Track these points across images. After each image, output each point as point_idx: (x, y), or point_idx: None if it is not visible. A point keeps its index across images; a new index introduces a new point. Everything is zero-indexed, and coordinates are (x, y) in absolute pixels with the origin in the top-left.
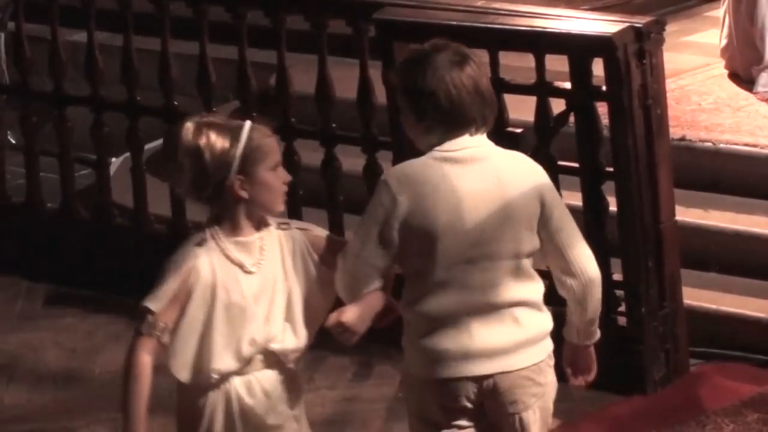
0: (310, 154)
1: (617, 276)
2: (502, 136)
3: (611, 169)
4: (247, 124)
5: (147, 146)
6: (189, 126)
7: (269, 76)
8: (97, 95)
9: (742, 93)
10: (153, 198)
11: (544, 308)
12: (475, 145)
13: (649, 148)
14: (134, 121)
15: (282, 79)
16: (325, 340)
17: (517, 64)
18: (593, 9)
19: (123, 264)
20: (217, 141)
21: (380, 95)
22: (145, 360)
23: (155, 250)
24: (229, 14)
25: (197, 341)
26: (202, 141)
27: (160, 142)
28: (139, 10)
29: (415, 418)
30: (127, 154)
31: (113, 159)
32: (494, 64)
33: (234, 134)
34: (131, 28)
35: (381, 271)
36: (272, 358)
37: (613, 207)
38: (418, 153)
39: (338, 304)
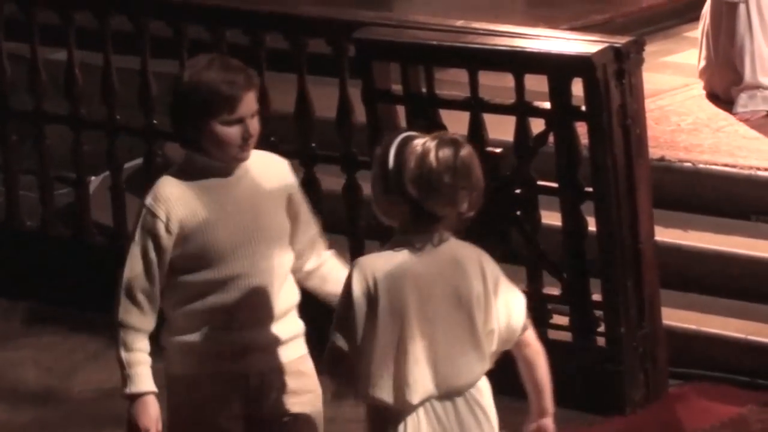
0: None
1: (596, 296)
2: (481, 156)
3: (590, 189)
4: None
5: (127, 165)
6: None
7: None
8: (77, 114)
9: (722, 113)
10: (133, 216)
11: None
12: None
13: (628, 168)
14: (114, 139)
15: (261, 99)
16: None
17: (497, 84)
18: (573, 29)
19: (102, 283)
20: None
21: (360, 114)
22: None
23: None
24: (208, 33)
25: None
26: None
27: (139, 161)
28: (118, 29)
29: None
30: (107, 173)
31: (92, 177)
32: (473, 83)
33: None
34: (111, 47)
35: None
36: None
37: (592, 227)
38: None
39: None
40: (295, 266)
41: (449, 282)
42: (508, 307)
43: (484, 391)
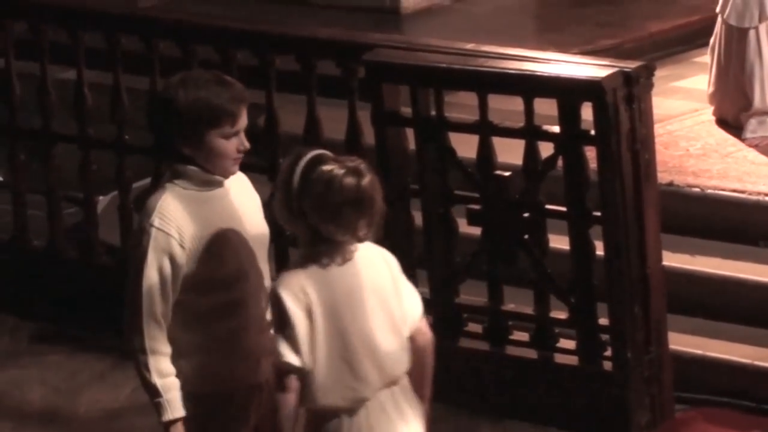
0: None
1: (603, 320)
2: (490, 180)
3: (599, 214)
4: None
5: (135, 185)
6: None
7: (258, 116)
8: (85, 133)
9: (731, 139)
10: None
11: None
12: None
13: (636, 193)
14: (122, 159)
15: (271, 120)
16: None
17: (506, 108)
18: (583, 53)
19: (109, 303)
20: None
21: (369, 136)
22: None
23: None
24: (218, 54)
25: None
26: None
27: (147, 181)
28: (128, 49)
29: None
30: (115, 193)
31: (101, 197)
32: (483, 106)
33: None
34: (120, 67)
35: None
36: None
37: (599, 251)
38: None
39: None
40: None
41: (367, 282)
42: (409, 296)
43: (407, 380)
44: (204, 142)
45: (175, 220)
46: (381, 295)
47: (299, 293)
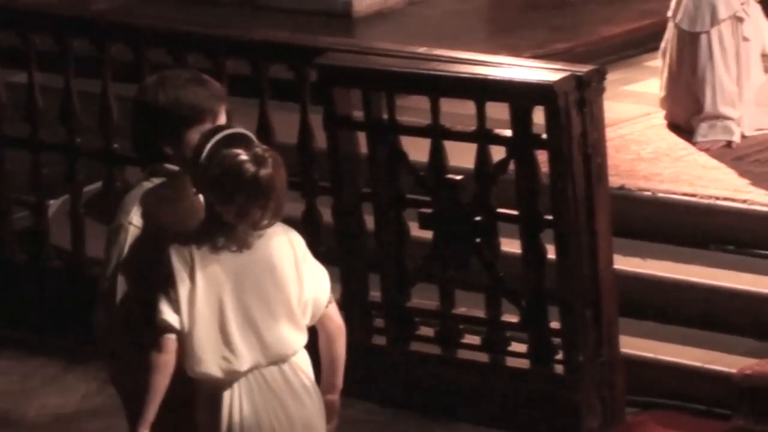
0: None
1: (555, 324)
2: (442, 184)
3: (550, 217)
4: None
5: (86, 189)
6: None
7: None
8: (36, 137)
9: (682, 143)
10: (92, 240)
11: None
12: None
13: (588, 197)
14: (73, 163)
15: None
16: None
17: (459, 111)
18: (535, 57)
19: (60, 307)
20: None
21: (321, 140)
22: None
23: (93, 293)
24: (170, 58)
25: None
26: None
27: (98, 185)
28: (80, 52)
29: None
30: (66, 197)
31: (52, 201)
32: (435, 110)
33: None
34: (72, 70)
35: None
36: None
37: (551, 255)
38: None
39: None
40: None
41: (262, 261)
42: (315, 280)
43: (305, 361)
44: (184, 140)
45: (153, 218)
46: (276, 274)
47: (187, 256)
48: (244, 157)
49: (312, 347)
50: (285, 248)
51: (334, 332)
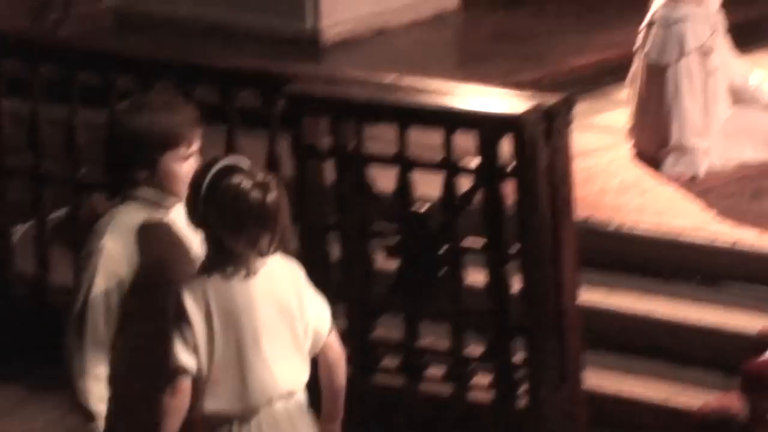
0: None
1: (519, 355)
2: (408, 214)
3: (516, 249)
4: None
5: (52, 215)
6: None
7: None
8: (2, 162)
9: (649, 175)
10: (57, 267)
11: None
12: None
13: (554, 229)
14: (39, 189)
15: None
16: None
17: (426, 141)
18: (503, 86)
19: (23, 334)
20: None
21: (288, 167)
22: None
23: (58, 320)
24: (138, 84)
25: None
26: None
27: (64, 211)
28: (48, 78)
29: None
30: (32, 222)
31: (17, 227)
32: (402, 139)
33: None
34: (39, 96)
35: None
36: None
37: (517, 286)
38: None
39: None
40: None
41: (268, 296)
42: (317, 310)
43: (305, 396)
44: (159, 165)
45: (127, 244)
46: (283, 309)
47: (200, 297)
48: (248, 184)
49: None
50: (287, 280)
51: (336, 361)
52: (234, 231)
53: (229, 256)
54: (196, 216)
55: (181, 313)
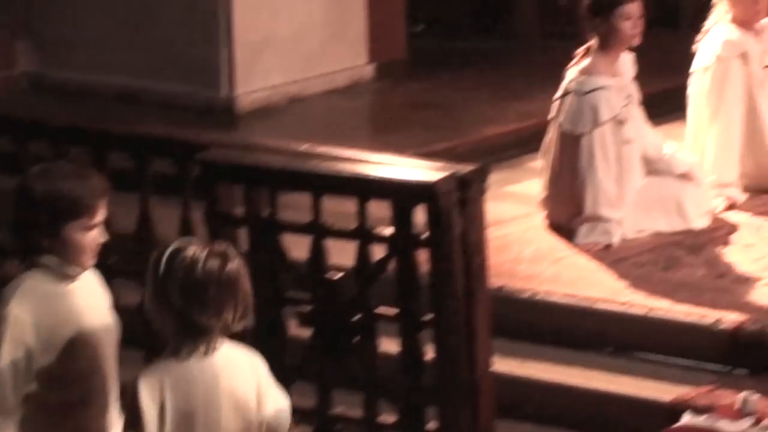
0: (131, 293)
1: (432, 424)
2: (321, 282)
3: (429, 317)
4: None
5: None
6: None
7: None
8: None
9: (562, 244)
10: None
11: None
12: None
13: (468, 297)
14: None
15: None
16: None
17: (341, 210)
18: (417, 156)
19: None
20: None
21: (202, 235)
22: None
23: None
24: (52, 151)
25: None
26: None
27: None
28: None
29: None
30: None
31: None
32: (317, 208)
33: None
34: None
35: None
36: None
37: (430, 355)
38: None
39: None
40: None
41: (225, 387)
42: (275, 409)
43: None
44: (62, 234)
45: (33, 311)
46: (239, 402)
47: (156, 390)
48: (204, 254)
49: None
50: (246, 371)
51: None
52: (197, 300)
53: (194, 332)
54: (158, 296)
55: (134, 410)
